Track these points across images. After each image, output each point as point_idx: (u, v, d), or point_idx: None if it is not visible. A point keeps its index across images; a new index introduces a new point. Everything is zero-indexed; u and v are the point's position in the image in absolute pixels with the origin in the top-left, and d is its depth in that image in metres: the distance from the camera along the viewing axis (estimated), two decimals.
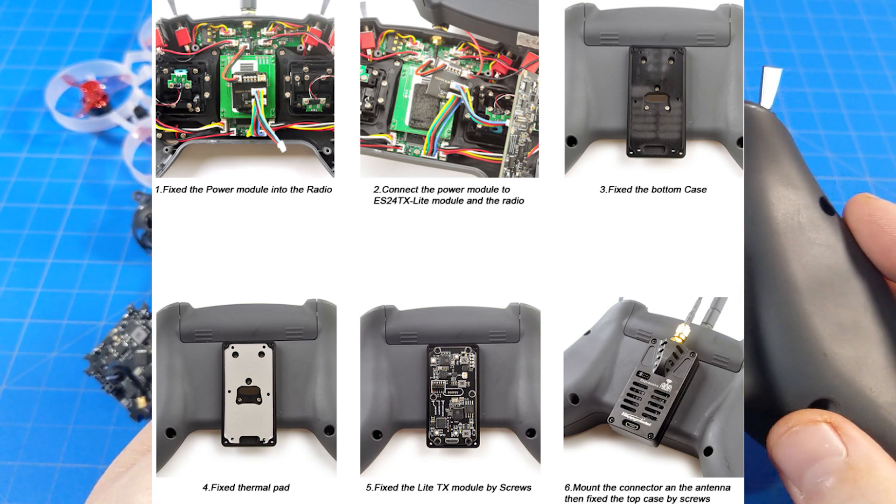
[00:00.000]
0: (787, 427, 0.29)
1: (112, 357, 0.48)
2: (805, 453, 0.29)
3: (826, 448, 0.28)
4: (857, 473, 0.27)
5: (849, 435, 0.28)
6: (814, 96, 0.63)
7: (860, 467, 0.27)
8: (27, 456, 0.46)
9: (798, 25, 0.68)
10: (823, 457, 0.28)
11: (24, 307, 0.51)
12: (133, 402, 0.47)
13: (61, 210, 0.56)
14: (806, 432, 0.29)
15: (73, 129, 0.61)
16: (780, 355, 0.31)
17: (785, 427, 0.29)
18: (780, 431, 0.30)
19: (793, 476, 0.29)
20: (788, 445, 0.29)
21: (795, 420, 0.29)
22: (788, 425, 0.29)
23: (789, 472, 0.29)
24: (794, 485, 0.29)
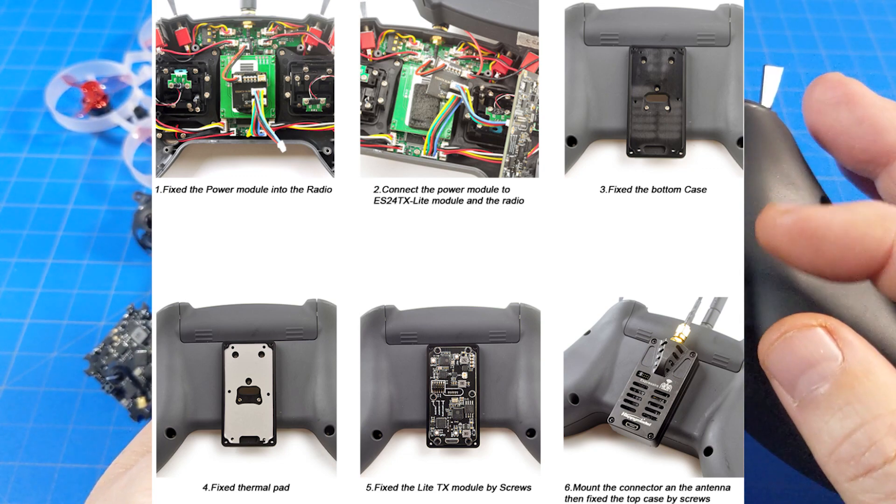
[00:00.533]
0: (780, 332, 0.28)
1: (112, 357, 0.48)
2: (799, 359, 0.27)
3: (821, 353, 0.27)
4: (853, 379, 0.26)
5: (845, 339, 0.27)
6: None
7: (856, 372, 0.26)
8: (27, 456, 0.46)
9: (798, 25, 0.69)
10: (818, 362, 0.27)
11: (24, 307, 0.51)
12: (133, 402, 0.47)
13: (61, 210, 0.56)
14: (800, 337, 0.27)
15: (73, 129, 0.61)
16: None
17: (778, 332, 0.28)
18: (772, 337, 0.28)
19: (786, 383, 0.28)
20: (781, 351, 0.28)
21: (789, 325, 0.28)
22: (781, 330, 0.28)
23: (782, 380, 0.28)
24: (788, 392, 0.28)
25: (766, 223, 0.28)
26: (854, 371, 0.26)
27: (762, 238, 0.29)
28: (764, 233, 0.28)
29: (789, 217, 0.28)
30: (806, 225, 0.27)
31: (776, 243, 0.28)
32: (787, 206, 0.28)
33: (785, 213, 0.28)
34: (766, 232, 0.28)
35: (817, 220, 0.27)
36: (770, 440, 0.34)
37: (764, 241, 0.29)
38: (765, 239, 0.28)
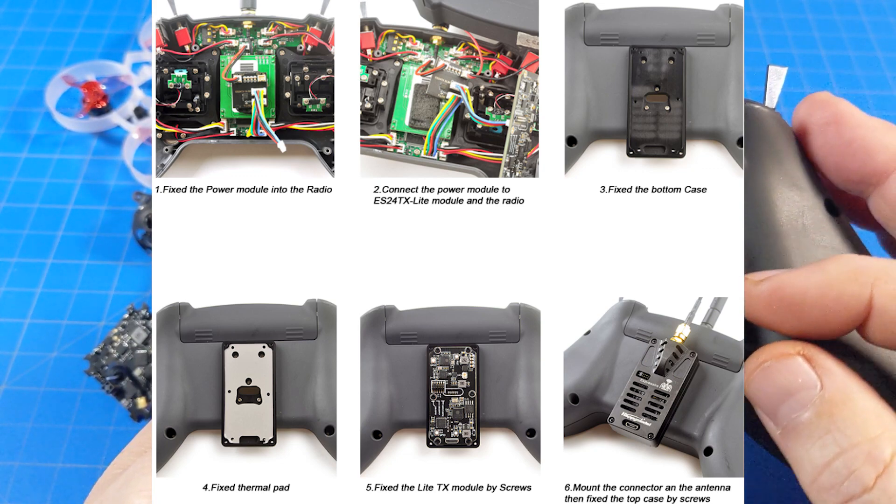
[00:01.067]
0: (759, 362, 0.28)
1: (112, 357, 0.48)
2: (779, 388, 0.27)
3: (800, 382, 0.27)
4: (832, 406, 0.26)
5: (823, 366, 0.27)
6: None
7: (835, 400, 0.26)
8: (27, 456, 0.46)
9: (798, 26, 0.68)
10: (798, 391, 0.27)
11: (24, 307, 0.51)
12: (133, 402, 0.47)
13: (61, 210, 0.56)
14: (779, 367, 0.28)
15: (73, 129, 0.61)
16: None
17: (756, 362, 0.28)
18: (751, 367, 0.28)
19: (768, 411, 0.28)
20: (761, 381, 0.28)
21: (767, 354, 0.28)
22: (760, 360, 0.28)
23: (764, 408, 0.28)
24: (770, 420, 0.28)
25: (744, 295, 0.29)
26: (833, 399, 0.27)
27: (745, 311, 0.29)
28: (745, 305, 0.29)
29: (765, 286, 0.28)
30: (782, 293, 0.28)
31: (756, 314, 0.29)
32: (762, 275, 0.29)
33: (759, 283, 0.28)
34: (747, 304, 0.29)
35: (793, 286, 0.28)
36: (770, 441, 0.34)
37: (747, 313, 0.29)
38: (747, 312, 0.29)
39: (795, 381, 0.27)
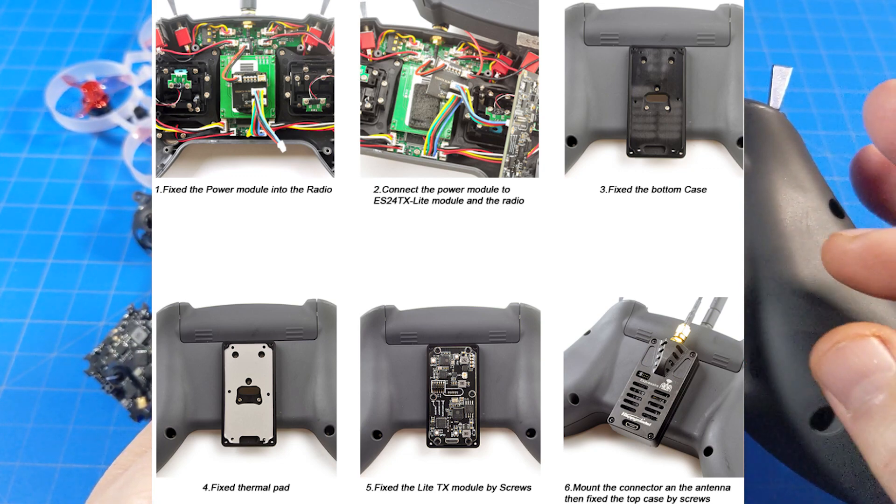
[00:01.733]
0: (833, 342, 0.27)
1: (112, 357, 0.48)
2: (852, 369, 0.26)
3: (874, 363, 0.26)
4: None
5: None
6: (814, 97, 0.63)
7: None
8: (27, 456, 0.46)
9: (798, 26, 0.69)
10: (872, 372, 0.26)
11: (24, 307, 0.51)
12: (133, 402, 0.47)
13: (61, 210, 0.56)
14: (853, 347, 0.27)
15: (73, 129, 0.61)
16: (786, 361, 0.31)
17: (830, 343, 0.27)
18: (824, 348, 0.27)
19: (839, 394, 0.27)
20: (834, 362, 0.27)
21: (842, 334, 0.27)
22: (833, 341, 0.27)
23: (835, 390, 0.27)
24: (841, 403, 0.27)
25: (834, 252, 0.28)
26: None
27: (832, 268, 0.28)
28: (834, 262, 0.28)
29: (859, 243, 0.27)
30: (879, 249, 0.27)
31: (849, 271, 0.28)
32: (854, 232, 0.28)
33: (854, 239, 0.28)
34: (837, 261, 0.28)
35: (890, 243, 0.27)
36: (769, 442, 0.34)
37: (835, 270, 0.28)
38: (836, 268, 0.28)
39: (870, 362, 0.26)
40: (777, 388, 0.31)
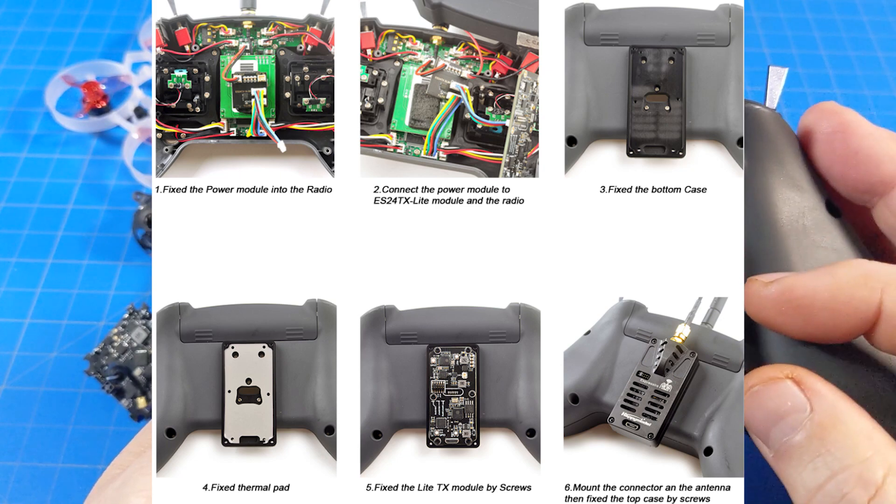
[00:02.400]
0: (748, 387, 0.28)
1: (112, 357, 0.48)
2: (769, 412, 0.28)
3: (789, 406, 0.27)
4: (822, 429, 0.26)
5: (812, 389, 0.27)
6: (814, 97, 0.63)
7: (825, 422, 0.26)
8: (27, 456, 0.46)
9: (798, 26, 0.69)
10: (788, 414, 0.27)
11: (24, 307, 0.51)
12: (133, 402, 0.47)
13: (61, 210, 0.56)
14: (768, 391, 0.28)
15: (73, 129, 0.61)
16: (785, 362, 0.31)
17: (746, 387, 0.28)
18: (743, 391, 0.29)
19: (760, 435, 0.28)
20: (752, 405, 0.28)
21: (756, 378, 0.28)
22: (748, 385, 0.28)
23: (756, 431, 0.28)
24: (763, 443, 0.28)
25: (752, 297, 0.29)
26: (823, 421, 0.27)
27: (751, 311, 0.29)
28: (751, 307, 0.29)
29: (774, 288, 0.28)
30: (791, 295, 0.28)
31: (764, 315, 0.29)
32: (769, 277, 0.29)
33: (769, 285, 0.28)
34: (754, 305, 0.29)
35: (802, 288, 0.28)
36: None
37: (753, 314, 0.29)
38: (754, 312, 0.29)
39: (785, 404, 0.27)
40: None
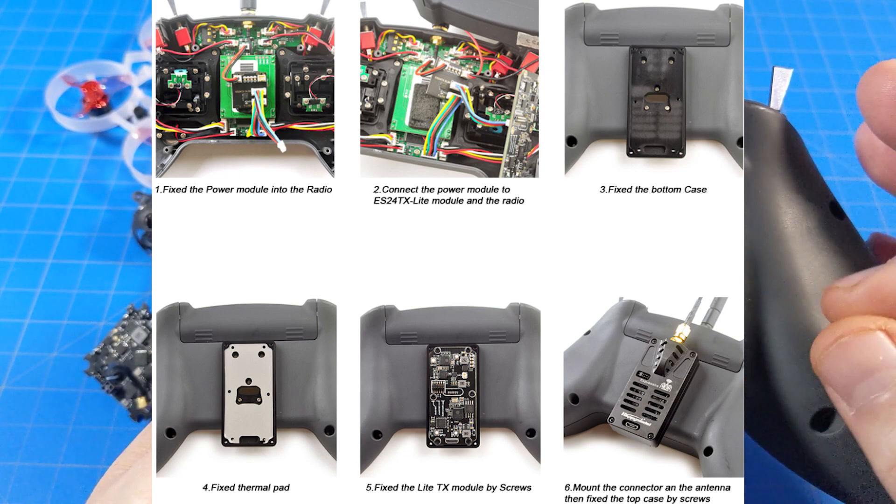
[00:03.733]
0: (835, 337, 0.26)
1: (112, 357, 0.48)
2: (856, 365, 0.25)
3: (880, 360, 0.25)
4: None
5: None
6: (814, 96, 0.63)
7: None
8: (27, 456, 0.46)
9: (798, 25, 0.68)
10: (878, 369, 0.25)
11: (24, 307, 0.51)
12: (133, 402, 0.47)
13: (61, 210, 0.56)
14: (857, 342, 0.25)
15: (73, 129, 0.61)
16: (786, 362, 0.31)
17: (832, 337, 0.26)
18: (826, 342, 0.26)
19: (841, 391, 0.26)
20: (836, 357, 0.26)
21: (845, 328, 0.26)
22: (836, 335, 0.26)
23: (837, 387, 0.26)
24: (843, 400, 0.26)
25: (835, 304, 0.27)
26: None
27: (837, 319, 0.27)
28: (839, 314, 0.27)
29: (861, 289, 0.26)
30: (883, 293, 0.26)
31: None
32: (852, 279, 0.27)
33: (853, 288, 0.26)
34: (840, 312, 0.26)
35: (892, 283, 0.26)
36: (769, 442, 0.34)
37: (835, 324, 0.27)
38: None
39: (876, 358, 0.25)
40: (777, 389, 0.31)
